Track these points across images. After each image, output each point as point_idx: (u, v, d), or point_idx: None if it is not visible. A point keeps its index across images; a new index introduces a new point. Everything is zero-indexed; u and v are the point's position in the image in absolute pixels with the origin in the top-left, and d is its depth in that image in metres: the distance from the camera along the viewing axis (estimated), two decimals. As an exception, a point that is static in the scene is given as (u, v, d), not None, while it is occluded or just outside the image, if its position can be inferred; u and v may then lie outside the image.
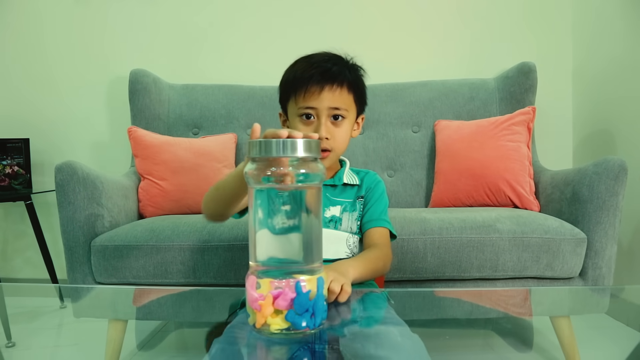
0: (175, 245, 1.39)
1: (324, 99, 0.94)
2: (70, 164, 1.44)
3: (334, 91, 0.94)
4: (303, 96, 0.94)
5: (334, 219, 1.04)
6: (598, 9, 2.03)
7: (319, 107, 0.94)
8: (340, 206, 1.05)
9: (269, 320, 0.55)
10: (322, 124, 0.94)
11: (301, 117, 0.96)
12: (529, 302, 1.27)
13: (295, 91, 0.96)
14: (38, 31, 2.29)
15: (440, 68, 2.21)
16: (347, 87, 0.96)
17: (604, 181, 1.39)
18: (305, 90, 0.94)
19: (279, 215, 0.56)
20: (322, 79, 0.94)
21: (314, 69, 0.94)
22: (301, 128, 0.96)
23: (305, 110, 0.95)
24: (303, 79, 0.94)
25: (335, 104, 0.95)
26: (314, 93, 0.93)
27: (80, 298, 1.37)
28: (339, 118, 0.97)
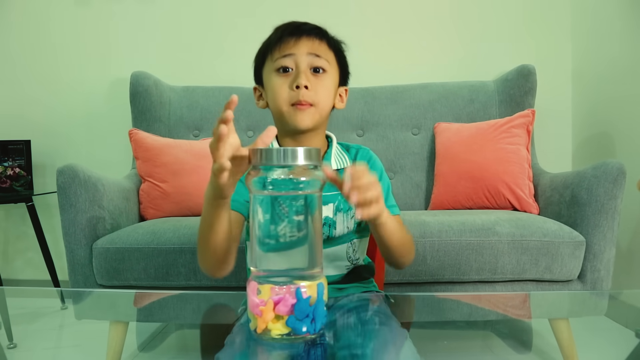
0: (176, 248, 1.40)
1: (302, 44, 0.86)
2: (71, 166, 1.45)
3: (313, 41, 0.87)
4: (279, 48, 0.86)
5: (327, 222, 0.90)
6: (597, 12, 2.04)
7: (296, 53, 0.86)
8: (332, 204, 0.91)
9: (269, 326, 0.55)
10: (301, 71, 0.85)
11: (277, 71, 0.87)
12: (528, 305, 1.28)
13: (270, 49, 0.88)
14: (39, 33, 2.30)
15: (440, 70, 2.22)
16: (327, 43, 0.89)
17: (602, 184, 1.40)
18: (281, 41, 0.86)
19: (279, 221, 0.57)
20: (299, 29, 0.87)
21: (290, 25, 0.88)
22: (277, 82, 0.86)
23: (281, 60, 0.86)
24: (277, 32, 0.88)
25: (315, 50, 0.86)
26: (290, 42, 0.86)
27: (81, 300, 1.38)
28: (319, 71, 0.87)
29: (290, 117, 0.86)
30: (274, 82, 0.87)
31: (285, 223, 0.57)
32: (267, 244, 0.57)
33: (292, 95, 0.85)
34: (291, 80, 0.86)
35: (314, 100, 0.86)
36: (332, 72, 0.89)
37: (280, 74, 0.86)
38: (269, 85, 0.89)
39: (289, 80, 0.86)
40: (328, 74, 0.88)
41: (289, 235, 0.57)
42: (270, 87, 0.88)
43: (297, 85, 0.84)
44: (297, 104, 0.85)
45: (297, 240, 0.58)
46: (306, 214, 0.57)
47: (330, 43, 0.90)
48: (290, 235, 0.57)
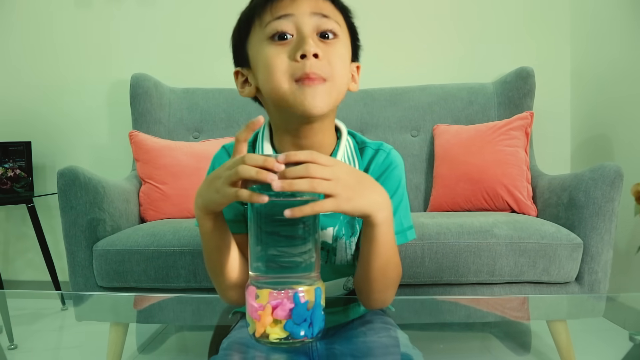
0: (176, 250, 1.41)
1: (301, 2, 0.64)
2: (72, 169, 1.46)
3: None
4: (270, 9, 0.64)
5: (325, 247, 0.74)
6: (596, 14, 2.05)
7: (296, 12, 0.63)
8: (331, 228, 0.72)
9: (268, 330, 0.56)
10: (306, 34, 0.63)
11: (271, 39, 0.64)
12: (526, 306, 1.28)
13: (257, 12, 0.66)
14: (40, 35, 2.31)
15: (439, 72, 2.23)
16: (333, 2, 0.68)
17: (600, 187, 1.41)
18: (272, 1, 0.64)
19: (276, 227, 0.58)
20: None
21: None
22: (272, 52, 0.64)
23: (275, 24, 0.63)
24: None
25: (320, 9, 0.64)
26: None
27: (82, 302, 1.39)
28: (329, 36, 0.65)
29: (296, 97, 0.63)
30: (268, 53, 0.64)
31: (282, 227, 0.58)
32: (266, 250, 0.58)
33: (295, 67, 0.62)
34: (292, 48, 0.63)
35: (328, 73, 0.63)
36: (344, 38, 0.68)
37: (276, 42, 0.64)
38: (259, 59, 0.66)
39: (289, 49, 0.63)
40: (340, 39, 0.67)
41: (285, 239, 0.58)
42: (263, 61, 0.65)
43: (302, 55, 0.62)
44: (305, 77, 0.62)
45: (294, 245, 0.58)
46: (304, 220, 0.58)
47: (337, 3, 0.69)
48: (287, 239, 0.58)
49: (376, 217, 0.58)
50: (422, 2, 2.23)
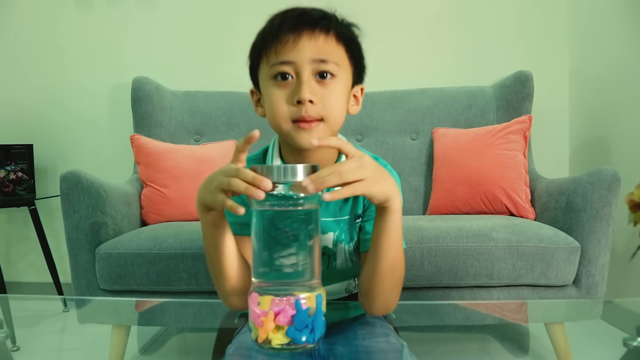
0: (177, 253, 1.42)
1: (302, 47, 0.69)
2: (74, 173, 1.47)
3: (317, 38, 0.69)
4: (275, 50, 0.69)
5: (326, 252, 0.79)
6: (594, 18, 2.06)
7: (296, 59, 0.69)
8: (332, 233, 0.79)
9: (270, 336, 0.58)
10: (303, 81, 0.69)
11: (275, 79, 0.70)
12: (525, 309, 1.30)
13: (265, 48, 0.71)
14: (41, 38, 2.32)
15: (439, 75, 2.24)
16: (336, 35, 0.72)
17: (597, 191, 1.42)
18: (277, 40, 0.69)
19: (278, 234, 0.59)
20: (299, 22, 0.69)
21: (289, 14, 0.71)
22: (274, 94, 0.70)
23: (278, 67, 0.69)
24: (273, 28, 0.70)
25: (320, 54, 0.69)
26: (288, 42, 0.69)
27: (84, 304, 1.40)
28: (326, 76, 0.70)
29: (292, 137, 0.71)
30: (271, 94, 0.71)
31: (284, 235, 0.59)
32: (268, 257, 0.60)
33: (293, 111, 0.70)
34: (290, 93, 0.70)
35: (323, 114, 0.70)
36: (343, 74, 0.73)
37: (278, 83, 0.70)
38: (265, 95, 0.73)
39: (288, 92, 0.70)
40: (338, 78, 0.72)
41: (287, 247, 0.60)
42: (267, 99, 0.72)
43: (298, 100, 0.69)
44: (301, 120, 0.70)
45: (296, 252, 0.60)
46: (305, 228, 0.59)
47: (340, 34, 0.73)
48: (289, 246, 0.60)
49: (394, 202, 0.63)
50: (422, 6, 2.25)
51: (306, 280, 0.60)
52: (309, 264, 0.60)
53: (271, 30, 0.71)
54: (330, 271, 0.81)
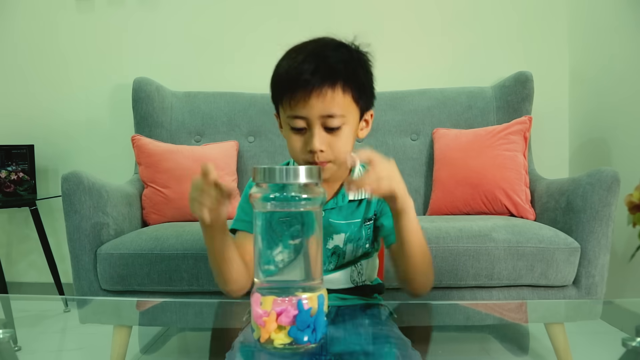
0: (179, 254, 1.43)
1: (312, 106, 0.78)
2: (76, 173, 1.47)
3: (324, 95, 0.78)
4: (289, 104, 0.80)
5: (337, 251, 0.90)
6: (594, 19, 2.07)
7: (307, 115, 0.79)
8: (344, 234, 0.89)
9: (272, 336, 0.58)
10: (314, 135, 0.79)
11: (292, 130, 0.82)
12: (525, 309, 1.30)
13: (282, 94, 0.81)
14: (43, 39, 2.32)
15: (439, 76, 2.24)
16: (342, 87, 0.79)
17: (597, 191, 1.43)
18: (291, 96, 0.79)
19: (281, 236, 0.60)
20: (309, 81, 0.77)
21: (300, 68, 0.78)
22: (292, 138, 0.82)
23: (293, 120, 0.81)
24: (288, 80, 0.79)
25: (327, 111, 0.78)
26: (301, 100, 0.78)
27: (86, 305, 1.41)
28: (335, 129, 0.81)
29: None
30: (289, 137, 0.83)
31: (286, 236, 0.60)
32: (270, 258, 0.60)
33: (307, 157, 0.82)
34: (304, 142, 0.81)
35: (332, 158, 0.82)
36: (350, 119, 0.82)
37: (295, 132, 0.82)
38: (284, 133, 0.85)
39: (303, 140, 0.81)
40: (345, 125, 0.81)
41: (289, 248, 0.60)
42: (286, 138, 0.85)
43: (310, 150, 0.80)
44: (314, 163, 0.81)
45: (298, 253, 0.60)
46: (307, 229, 0.60)
47: (347, 84, 0.80)
48: (291, 247, 0.60)
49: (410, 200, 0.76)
50: (422, 7, 2.25)
51: (308, 281, 0.61)
52: (311, 265, 0.61)
53: (287, 84, 0.80)
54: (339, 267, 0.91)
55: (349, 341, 0.74)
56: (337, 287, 0.91)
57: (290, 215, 0.60)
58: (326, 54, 0.80)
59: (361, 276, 0.93)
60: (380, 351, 0.72)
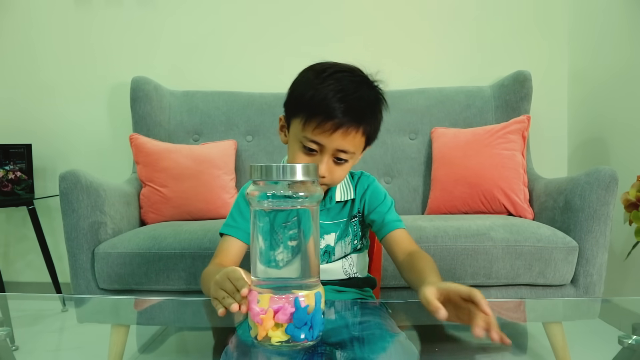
0: (176, 253, 1.42)
1: (334, 139, 0.81)
2: (74, 172, 1.47)
3: (348, 134, 0.81)
4: (312, 129, 0.81)
5: (328, 250, 0.96)
6: (594, 18, 2.07)
7: (325, 144, 0.82)
8: (334, 234, 0.96)
9: (270, 333, 0.58)
10: (323, 162, 0.83)
11: (303, 148, 0.84)
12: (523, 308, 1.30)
13: (306, 115, 0.81)
14: (40, 37, 2.32)
15: (437, 75, 2.25)
16: (363, 129, 0.83)
17: (595, 191, 1.43)
18: (318, 124, 0.80)
19: (277, 234, 0.60)
20: (339, 120, 0.80)
21: (332, 104, 0.80)
22: (298, 155, 0.84)
23: (309, 143, 0.82)
24: (318, 110, 0.80)
25: (344, 147, 0.82)
26: (326, 131, 0.80)
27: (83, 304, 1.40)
28: (342, 161, 0.85)
29: None
30: (295, 153, 0.85)
31: (283, 234, 0.60)
32: (267, 256, 0.60)
33: None
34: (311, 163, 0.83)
35: (329, 182, 0.87)
36: (356, 155, 0.87)
37: (305, 152, 0.84)
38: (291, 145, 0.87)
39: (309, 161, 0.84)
40: (351, 159, 0.87)
41: (286, 246, 0.60)
42: (291, 153, 0.86)
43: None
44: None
45: (296, 252, 0.60)
46: (304, 227, 0.60)
47: (367, 129, 0.84)
48: (288, 245, 0.60)
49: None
50: (421, 6, 2.25)
51: (305, 279, 0.61)
52: (308, 262, 0.61)
53: (317, 110, 0.80)
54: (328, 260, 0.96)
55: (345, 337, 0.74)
56: (329, 278, 0.95)
57: (287, 212, 0.59)
58: (358, 95, 0.82)
59: (352, 267, 0.98)
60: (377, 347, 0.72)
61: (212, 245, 1.42)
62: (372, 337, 0.76)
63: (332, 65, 0.85)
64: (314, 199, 0.59)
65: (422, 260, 0.86)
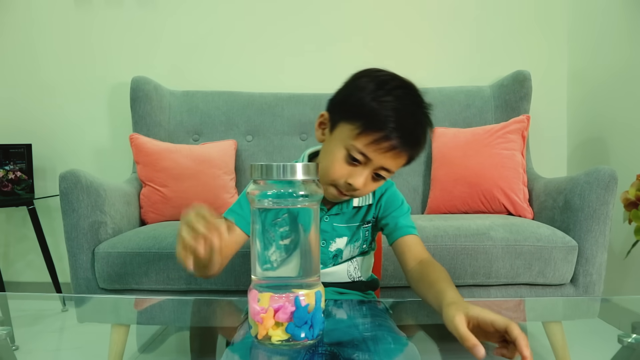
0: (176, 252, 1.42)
1: (384, 158, 0.80)
2: (74, 172, 1.47)
3: (398, 156, 0.81)
4: (366, 143, 0.79)
5: (337, 253, 0.95)
6: (593, 18, 2.07)
7: (373, 160, 0.81)
8: (346, 237, 0.95)
9: (270, 332, 0.58)
10: (363, 175, 0.82)
11: (348, 156, 0.81)
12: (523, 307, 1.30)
13: (363, 126, 0.79)
14: (40, 37, 2.32)
15: (437, 75, 2.25)
16: (409, 157, 0.84)
17: (594, 190, 1.43)
18: (374, 140, 0.79)
19: (278, 233, 0.60)
20: (397, 139, 0.79)
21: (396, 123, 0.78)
22: (339, 161, 0.82)
23: (358, 154, 0.80)
24: (379, 124, 0.78)
25: (390, 166, 0.82)
26: (379, 149, 0.79)
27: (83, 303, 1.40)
28: (380, 178, 0.85)
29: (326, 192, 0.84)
30: (337, 157, 0.82)
31: (283, 233, 0.60)
32: (267, 254, 0.60)
33: (341, 183, 0.83)
34: (348, 171, 0.82)
35: (358, 194, 0.86)
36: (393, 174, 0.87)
37: (349, 161, 0.82)
38: (332, 148, 0.84)
39: (349, 169, 0.82)
40: (387, 178, 0.87)
41: (287, 245, 0.60)
42: (331, 155, 0.83)
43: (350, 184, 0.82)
44: (339, 192, 0.84)
45: (295, 250, 0.60)
46: (304, 226, 0.60)
47: (415, 153, 0.84)
48: (288, 244, 0.60)
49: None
50: (421, 6, 2.26)
51: (305, 277, 0.61)
52: (308, 261, 0.61)
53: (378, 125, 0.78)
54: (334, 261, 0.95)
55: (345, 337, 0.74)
56: (333, 281, 0.94)
57: (288, 212, 0.60)
58: (417, 120, 0.82)
59: (357, 271, 0.97)
60: (377, 346, 0.72)
61: (212, 245, 1.42)
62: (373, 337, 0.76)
63: (392, 77, 0.85)
64: (314, 198, 0.59)
65: (434, 271, 0.83)
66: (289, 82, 2.25)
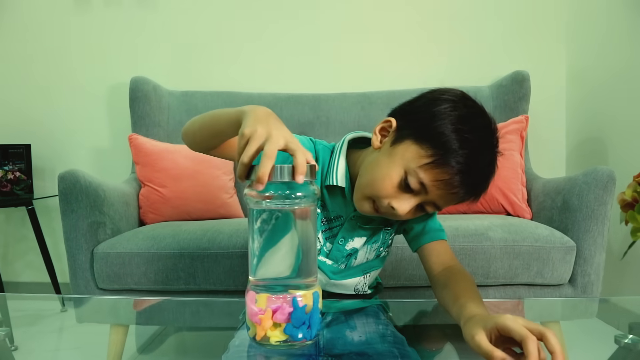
0: (175, 253, 1.43)
1: (443, 197, 0.76)
2: (72, 173, 1.47)
3: (454, 199, 0.78)
4: (432, 178, 0.74)
5: (352, 252, 0.90)
6: (592, 18, 2.08)
7: (430, 195, 0.76)
8: (365, 237, 0.90)
9: (268, 333, 0.58)
10: (411, 204, 0.76)
11: (405, 182, 0.75)
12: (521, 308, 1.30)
13: (435, 159, 0.73)
14: (39, 37, 2.32)
15: (436, 75, 2.25)
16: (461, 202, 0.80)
17: (593, 190, 1.43)
18: (442, 179, 0.73)
19: (275, 233, 0.60)
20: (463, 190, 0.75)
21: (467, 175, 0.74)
22: (392, 179, 0.75)
23: (417, 184, 0.75)
24: (452, 167, 0.73)
25: (442, 205, 0.79)
26: (442, 189, 0.74)
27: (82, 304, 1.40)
28: (423, 211, 0.80)
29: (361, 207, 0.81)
30: (392, 174, 0.76)
31: (281, 234, 0.60)
32: (265, 256, 0.60)
33: (385, 205, 0.77)
34: (395, 196, 0.76)
35: (394, 218, 0.81)
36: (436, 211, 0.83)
37: (404, 188, 0.76)
38: (389, 163, 0.77)
39: (396, 193, 0.76)
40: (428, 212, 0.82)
41: (284, 246, 0.60)
42: (387, 168, 0.77)
43: (393, 207, 0.76)
44: (376, 210, 0.79)
45: (293, 251, 0.60)
46: (301, 227, 0.60)
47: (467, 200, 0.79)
48: (286, 245, 0.60)
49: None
50: (419, 6, 2.26)
51: (303, 278, 0.61)
52: (305, 262, 0.61)
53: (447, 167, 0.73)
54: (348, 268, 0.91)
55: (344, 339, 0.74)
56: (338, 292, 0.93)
57: (285, 212, 0.60)
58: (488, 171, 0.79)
59: (364, 286, 0.95)
60: (376, 349, 0.72)
61: (211, 245, 1.42)
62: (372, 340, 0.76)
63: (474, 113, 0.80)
64: (312, 199, 0.60)
65: (460, 280, 0.79)
66: (288, 82, 2.25)
